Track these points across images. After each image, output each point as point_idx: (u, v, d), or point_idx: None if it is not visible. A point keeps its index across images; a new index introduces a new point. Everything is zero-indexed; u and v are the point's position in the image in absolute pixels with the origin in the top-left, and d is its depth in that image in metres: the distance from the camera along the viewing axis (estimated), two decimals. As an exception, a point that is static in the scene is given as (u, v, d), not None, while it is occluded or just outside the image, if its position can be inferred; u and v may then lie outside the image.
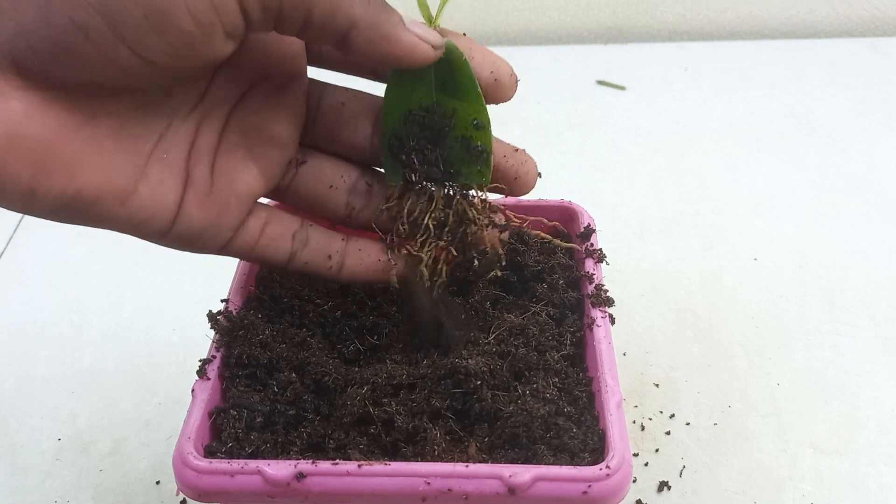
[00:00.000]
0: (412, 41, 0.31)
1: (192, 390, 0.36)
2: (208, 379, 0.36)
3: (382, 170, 0.38)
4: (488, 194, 0.37)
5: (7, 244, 0.65)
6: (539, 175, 0.38)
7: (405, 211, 0.36)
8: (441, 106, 0.35)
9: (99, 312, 0.59)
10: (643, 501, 0.45)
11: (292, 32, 0.30)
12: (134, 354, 0.55)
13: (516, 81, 0.36)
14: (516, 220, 0.39)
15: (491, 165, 0.36)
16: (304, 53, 0.35)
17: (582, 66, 0.86)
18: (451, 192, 0.36)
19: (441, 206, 0.36)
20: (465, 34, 0.35)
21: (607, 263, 0.43)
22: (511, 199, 0.45)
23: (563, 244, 0.42)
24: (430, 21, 0.35)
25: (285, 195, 0.37)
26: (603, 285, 0.41)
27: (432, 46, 0.32)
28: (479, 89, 0.34)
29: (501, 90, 0.35)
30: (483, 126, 0.35)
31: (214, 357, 0.37)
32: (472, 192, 0.37)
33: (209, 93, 0.33)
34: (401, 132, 0.36)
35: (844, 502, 0.45)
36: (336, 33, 0.30)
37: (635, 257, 0.62)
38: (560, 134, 0.76)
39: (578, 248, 0.42)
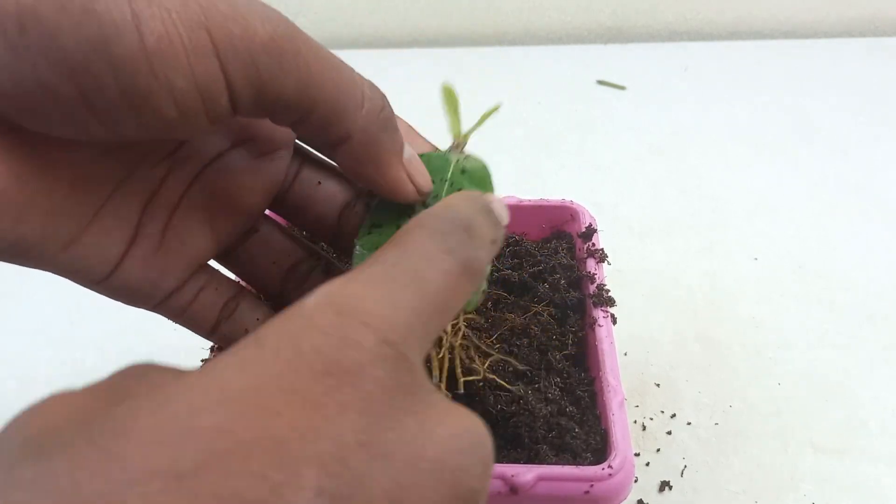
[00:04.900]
0: (399, 178, 0.29)
1: (194, 390, 0.36)
2: (210, 379, 0.36)
3: (334, 253, 0.36)
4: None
5: (7, 244, 0.65)
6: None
7: None
8: None
9: (100, 312, 0.59)
10: (645, 501, 0.45)
11: (283, 124, 0.28)
12: (135, 354, 0.55)
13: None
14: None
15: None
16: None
17: (582, 66, 0.86)
18: None
19: None
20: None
21: (609, 263, 0.43)
22: (512, 199, 0.45)
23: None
24: (458, 135, 0.34)
25: (222, 256, 0.34)
26: (605, 285, 0.41)
27: (418, 191, 0.30)
28: None
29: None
30: None
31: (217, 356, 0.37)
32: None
33: (187, 144, 0.30)
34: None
35: (845, 502, 0.45)
36: (325, 141, 0.28)
37: (636, 257, 0.62)
38: (560, 134, 0.76)
39: None
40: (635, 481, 0.45)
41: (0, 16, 0.21)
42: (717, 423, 0.49)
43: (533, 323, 0.39)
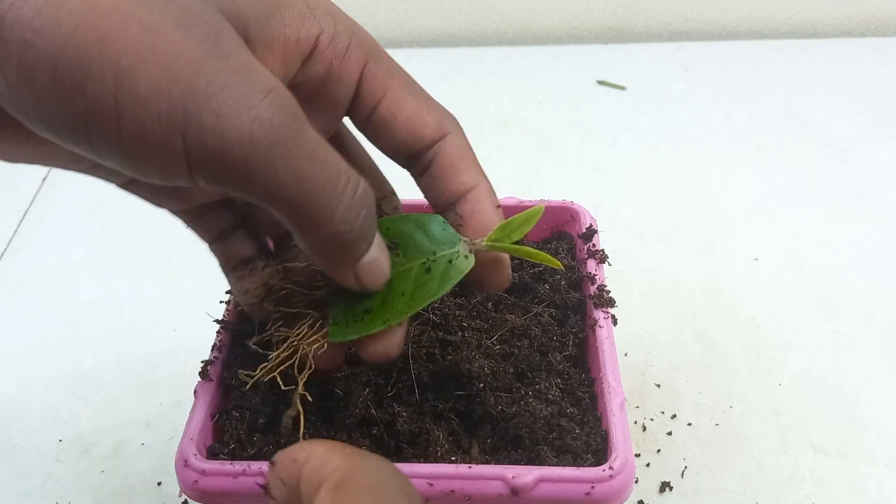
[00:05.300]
0: (344, 280, 0.30)
1: (195, 391, 0.36)
2: (211, 380, 0.36)
3: None
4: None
5: (7, 245, 0.65)
6: None
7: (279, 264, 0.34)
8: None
9: (99, 313, 0.59)
10: (645, 502, 0.45)
11: None
12: (135, 355, 0.55)
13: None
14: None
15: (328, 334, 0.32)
16: (347, 105, 0.33)
17: (582, 66, 0.86)
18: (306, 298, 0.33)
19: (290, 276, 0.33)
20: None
21: (609, 264, 0.43)
22: (512, 200, 0.45)
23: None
24: (500, 243, 0.32)
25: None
26: (605, 286, 0.41)
27: (366, 287, 0.30)
28: (446, 291, 0.31)
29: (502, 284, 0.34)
30: (400, 321, 0.31)
31: (217, 358, 0.37)
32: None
33: None
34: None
35: (845, 503, 0.45)
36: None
37: (636, 258, 0.61)
38: (560, 134, 0.76)
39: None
40: (636, 482, 0.45)
41: (3, 57, 0.22)
42: (717, 424, 0.49)
43: (533, 324, 0.39)
